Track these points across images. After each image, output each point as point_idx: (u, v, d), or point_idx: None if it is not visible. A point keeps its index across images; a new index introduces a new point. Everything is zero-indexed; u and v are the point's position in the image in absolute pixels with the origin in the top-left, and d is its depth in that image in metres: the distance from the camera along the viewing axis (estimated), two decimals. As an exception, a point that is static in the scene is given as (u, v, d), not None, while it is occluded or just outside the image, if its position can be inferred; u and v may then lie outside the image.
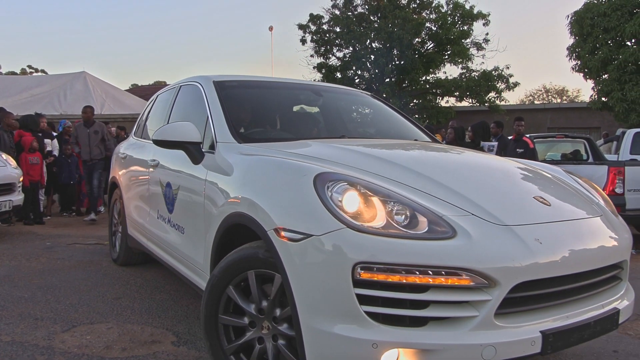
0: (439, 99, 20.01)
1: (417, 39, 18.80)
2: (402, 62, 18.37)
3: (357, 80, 19.74)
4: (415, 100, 19.54)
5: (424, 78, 19.70)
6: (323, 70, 20.22)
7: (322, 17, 20.06)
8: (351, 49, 19.54)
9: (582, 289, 1.95)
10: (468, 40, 18.94)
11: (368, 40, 18.75)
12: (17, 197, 6.19)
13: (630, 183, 5.76)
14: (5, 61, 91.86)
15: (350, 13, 19.81)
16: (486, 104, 18.44)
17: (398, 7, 18.60)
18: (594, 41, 14.13)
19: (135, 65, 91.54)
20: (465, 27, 18.81)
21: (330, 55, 20.47)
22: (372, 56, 18.84)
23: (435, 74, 20.08)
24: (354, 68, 19.92)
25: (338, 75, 19.79)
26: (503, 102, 19.12)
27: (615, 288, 2.14)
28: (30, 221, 7.19)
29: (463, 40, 18.78)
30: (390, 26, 17.92)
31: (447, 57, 19.30)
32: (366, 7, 19.62)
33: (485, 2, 44.83)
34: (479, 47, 19.04)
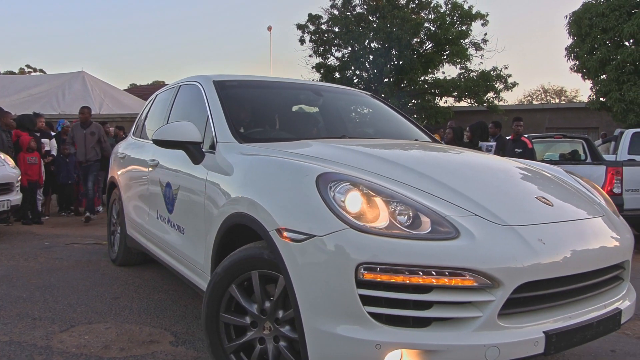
0: (438, 99, 19.99)
1: (415, 39, 18.79)
2: (400, 62, 18.36)
3: (355, 80, 19.70)
4: (413, 101, 19.51)
5: (422, 78, 19.68)
6: (322, 70, 20.19)
7: (320, 17, 20.04)
8: (350, 49, 19.51)
9: (585, 289, 1.95)
10: (467, 40, 18.91)
11: (367, 40, 18.73)
12: (16, 197, 6.18)
13: (628, 183, 5.77)
14: (4, 60, 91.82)
15: (349, 13, 19.79)
16: (485, 104, 18.44)
17: (397, 7, 18.58)
18: (592, 41, 14.15)
19: (133, 65, 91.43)
20: (464, 27, 18.79)
21: (329, 55, 20.43)
22: (371, 56, 18.82)
23: (433, 74, 20.07)
24: (352, 68, 19.90)
25: (337, 75, 19.76)
26: (501, 102, 19.12)
27: (617, 288, 2.14)
28: (29, 221, 7.17)
29: (462, 41, 18.76)
30: (388, 26, 17.91)
31: (445, 57, 19.28)
32: (365, 7, 19.60)
33: (483, 2, 44.88)
34: (477, 47, 19.02)
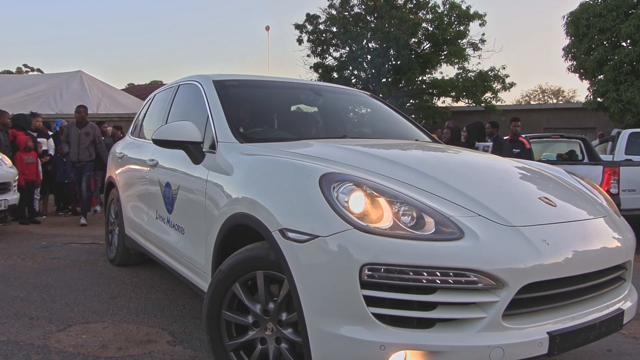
0: (436, 99, 20.02)
1: (413, 39, 18.81)
2: (398, 62, 18.38)
3: (353, 80, 19.71)
4: (411, 101, 19.52)
5: (420, 78, 19.71)
6: (320, 70, 20.19)
7: (318, 17, 20.04)
8: (348, 49, 19.50)
9: (588, 290, 1.94)
10: (464, 40, 18.94)
11: (365, 40, 18.73)
12: (13, 197, 6.16)
13: (625, 183, 5.77)
14: (1, 60, 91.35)
15: (346, 13, 19.80)
16: (482, 104, 18.47)
17: (394, 7, 18.59)
18: (590, 42, 14.19)
19: (131, 64, 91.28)
20: (462, 28, 18.82)
21: (327, 55, 20.43)
22: (369, 56, 18.81)
23: (431, 74, 20.10)
24: (350, 68, 19.90)
25: (335, 75, 19.76)
26: (499, 103, 19.16)
27: (620, 289, 2.14)
28: (26, 220, 7.15)
29: (459, 41, 18.79)
30: (386, 26, 17.92)
31: (443, 57, 19.30)
32: (363, 7, 19.61)
33: (481, 2, 44.97)
34: (475, 47, 19.05)
